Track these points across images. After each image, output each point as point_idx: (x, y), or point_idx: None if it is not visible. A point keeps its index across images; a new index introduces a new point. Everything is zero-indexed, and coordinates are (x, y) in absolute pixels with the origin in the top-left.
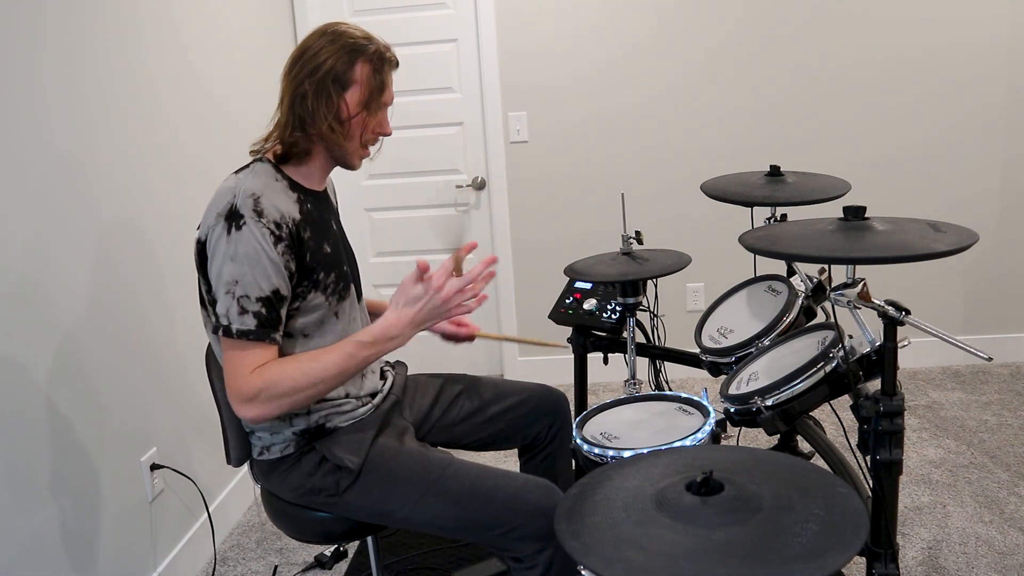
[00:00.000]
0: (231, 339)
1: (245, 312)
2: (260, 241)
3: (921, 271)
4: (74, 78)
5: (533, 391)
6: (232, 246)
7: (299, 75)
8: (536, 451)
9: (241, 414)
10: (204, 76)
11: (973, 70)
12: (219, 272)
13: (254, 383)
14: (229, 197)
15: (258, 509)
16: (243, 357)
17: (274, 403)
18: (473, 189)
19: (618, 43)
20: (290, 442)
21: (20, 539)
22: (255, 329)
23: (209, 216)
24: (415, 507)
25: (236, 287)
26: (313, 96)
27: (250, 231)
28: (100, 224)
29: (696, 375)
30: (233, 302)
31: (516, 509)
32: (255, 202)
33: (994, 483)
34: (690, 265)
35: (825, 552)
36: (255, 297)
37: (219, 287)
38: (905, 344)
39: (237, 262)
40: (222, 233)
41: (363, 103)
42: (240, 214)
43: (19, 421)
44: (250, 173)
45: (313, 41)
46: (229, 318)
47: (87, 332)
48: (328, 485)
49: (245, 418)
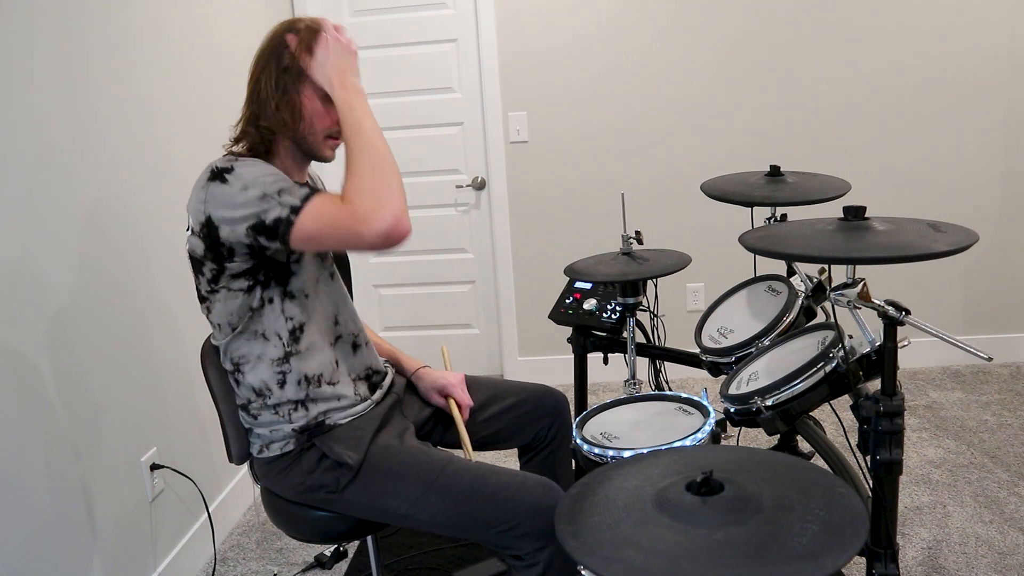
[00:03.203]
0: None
1: (288, 191)
2: (256, 166)
3: (921, 271)
4: (64, 76)
5: (533, 391)
6: (236, 183)
7: (255, 71)
8: (536, 451)
9: (376, 225)
10: (199, 78)
11: (973, 75)
12: (246, 202)
13: (350, 207)
14: (206, 172)
15: (258, 509)
16: (324, 203)
17: (385, 196)
18: (473, 189)
19: (618, 43)
20: (289, 439)
21: (20, 539)
22: (307, 192)
23: (197, 195)
24: (415, 504)
25: (268, 192)
26: (269, 90)
27: (243, 166)
28: (98, 224)
29: (696, 375)
30: (277, 197)
31: (516, 507)
32: (235, 157)
33: (994, 483)
34: (690, 265)
35: (825, 552)
36: (283, 186)
37: (258, 207)
38: (905, 344)
39: (251, 186)
40: (219, 186)
41: (319, 95)
42: (226, 167)
43: (18, 421)
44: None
45: (270, 38)
46: (286, 204)
47: (86, 332)
48: (328, 482)
49: (380, 227)
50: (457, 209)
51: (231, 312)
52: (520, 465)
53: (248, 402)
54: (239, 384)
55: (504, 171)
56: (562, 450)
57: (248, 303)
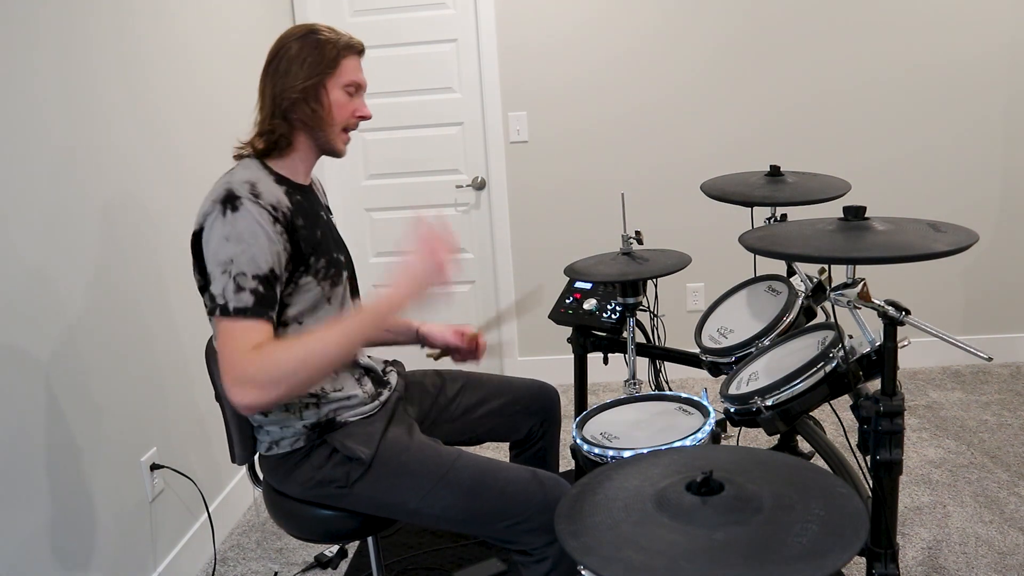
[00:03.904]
0: (228, 318)
1: (241, 290)
2: (258, 219)
3: (921, 271)
4: (70, 77)
5: (528, 388)
6: (228, 226)
7: (278, 70)
8: (528, 446)
9: (237, 399)
10: (203, 77)
11: (973, 72)
12: (215, 253)
13: (252, 362)
14: (223, 187)
15: (258, 509)
16: (240, 335)
17: (272, 387)
18: (473, 189)
19: (618, 43)
20: (300, 435)
21: (20, 539)
22: (252, 306)
23: (204, 206)
24: (425, 499)
25: (232, 266)
26: (292, 85)
27: (247, 211)
28: (99, 224)
29: (696, 375)
30: (229, 281)
31: (526, 501)
32: (252, 187)
33: (994, 483)
34: (690, 265)
35: (825, 552)
36: (252, 275)
37: (215, 268)
38: (905, 344)
39: (233, 241)
40: (218, 216)
41: (341, 88)
42: (237, 195)
43: (19, 421)
44: (240, 167)
45: (286, 39)
46: (225, 297)
47: (86, 332)
48: (338, 476)
49: (240, 404)
50: (457, 209)
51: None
52: (510, 458)
53: None
54: None
55: (504, 171)
56: (553, 444)
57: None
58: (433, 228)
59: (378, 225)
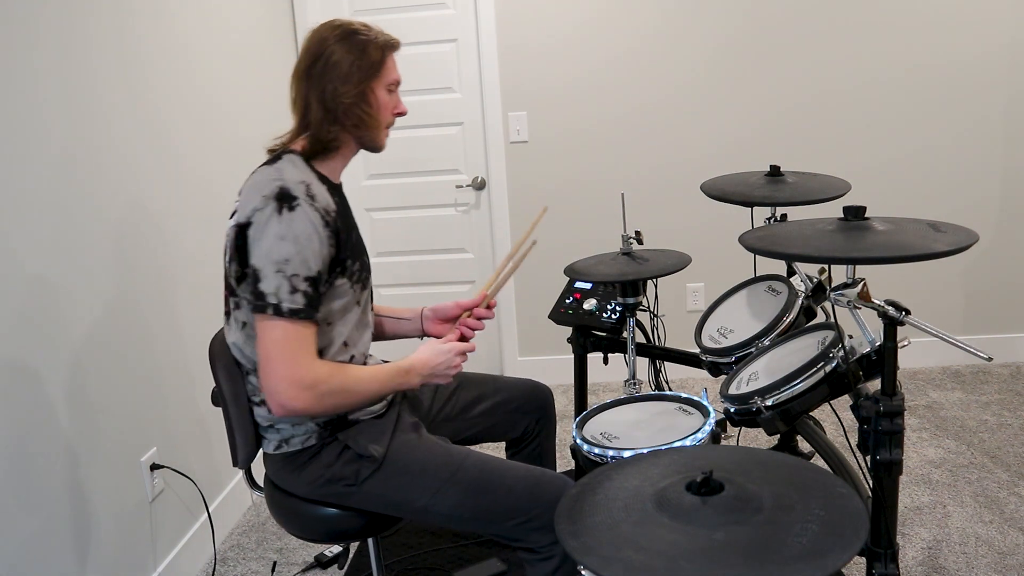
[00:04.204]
0: (282, 318)
1: (296, 291)
2: (313, 222)
3: (921, 271)
4: (70, 78)
5: (523, 387)
6: (284, 226)
7: (323, 74)
8: (524, 445)
9: (287, 400)
10: (203, 77)
11: (974, 72)
12: (268, 251)
13: (319, 370)
14: (275, 183)
15: (258, 509)
16: (299, 338)
17: (326, 399)
18: (473, 189)
19: (618, 43)
20: (312, 434)
21: (20, 539)
22: (304, 308)
23: (252, 200)
24: (434, 497)
25: (287, 266)
26: (345, 91)
27: (304, 212)
28: (99, 225)
29: (696, 375)
30: (284, 281)
31: (535, 500)
32: (307, 188)
33: (994, 483)
34: (690, 265)
35: (825, 552)
36: (304, 276)
37: (267, 266)
38: (905, 344)
39: (289, 241)
40: (272, 214)
41: (385, 87)
42: (293, 196)
43: (19, 421)
44: (288, 164)
45: (325, 41)
46: (279, 296)
47: (86, 332)
48: (348, 474)
49: (287, 405)
50: (457, 209)
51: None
52: (507, 457)
53: None
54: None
55: (504, 171)
56: (548, 442)
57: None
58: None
59: (378, 225)
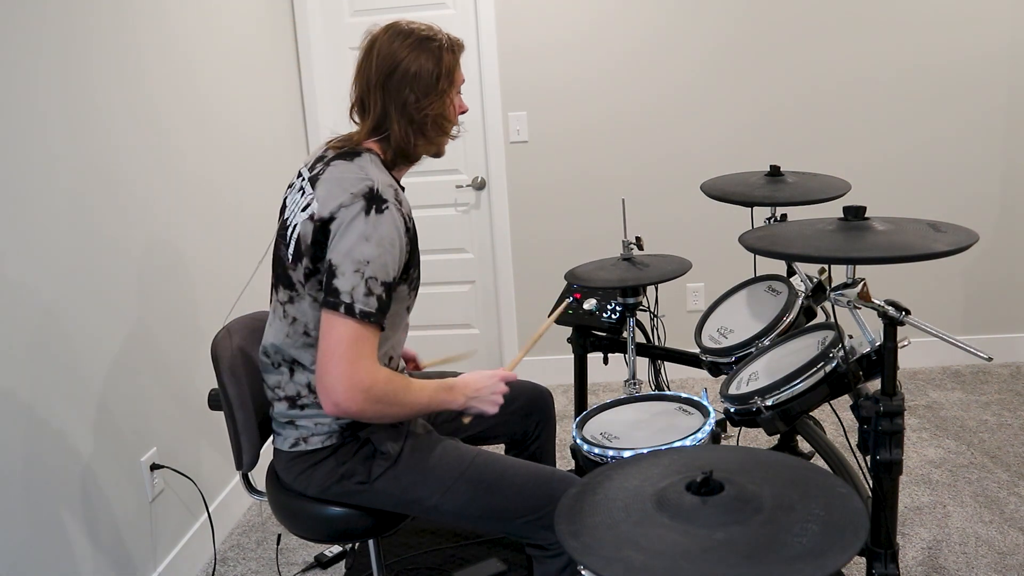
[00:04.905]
0: (353, 319)
1: (371, 294)
2: (398, 229)
3: (921, 271)
4: (70, 79)
5: (523, 389)
6: (370, 227)
7: (402, 85)
8: (524, 446)
9: (344, 400)
10: (203, 78)
11: (973, 71)
12: (349, 250)
13: (378, 375)
14: (364, 181)
15: (258, 509)
16: (366, 341)
17: (377, 405)
18: (473, 189)
19: (618, 43)
20: (333, 433)
21: (20, 539)
22: (375, 312)
23: (339, 195)
24: (445, 495)
25: (367, 268)
26: (428, 102)
27: (392, 217)
28: (99, 225)
29: (696, 375)
30: (361, 282)
31: (544, 498)
32: (395, 192)
33: (994, 483)
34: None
35: (825, 552)
36: (381, 280)
37: (346, 264)
38: (905, 344)
39: (373, 243)
40: (359, 213)
41: (458, 91)
42: (383, 199)
43: (19, 421)
44: (370, 164)
45: (399, 52)
46: (354, 296)
47: (86, 332)
48: (360, 471)
49: (343, 407)
50: (457, 209)
51: (315, 319)
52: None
53: (297, 395)
54: (292, 376)
55: (504, 171)
56: (548, 444)
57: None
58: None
59: None
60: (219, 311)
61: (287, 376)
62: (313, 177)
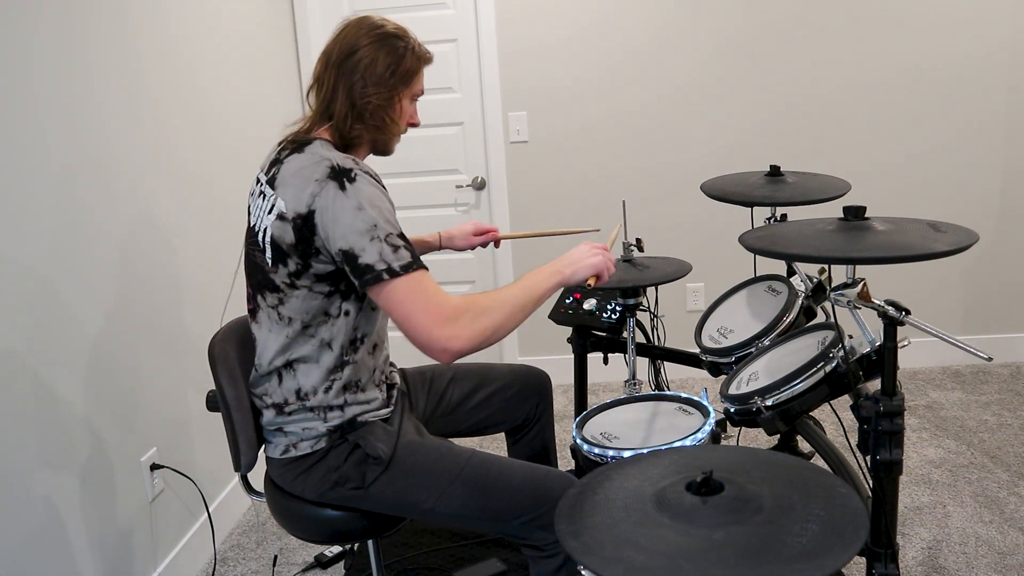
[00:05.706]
0: (397, 278)
1: (397, 248)
2: (377, 188)
3: (921, 271)
4: (69, 79)
5: (517, 373)
6: (353, 198)
7: (355, 71)
8: (525, 431)
9: (448, 344)
10: (203, 78)
11: (973, 72)
12: (351, 225)
13: (456, 301)
14: (322, 163)
15: (258, 509)
16: (425, 285)
17: (478, 322)
18: (473, 189)
19: (618, 43)
20: (322, 437)
21: (20, 539)
22: (412, 260)
23: (306, 186)
24: (441, 497)
25: (377, 230)
26: (375, 92)
27: (365, 180)
28: (98, 225)
29: (696, 375)
30: (383, 244)
31: (540, 498)
32: (355, 161)
33: (994, 483)
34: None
35: (825, 552)
36: (396, 233)
37: (357, 239)
38: (905, 344)
39: (366, 209)
40: (335, 192)
41: (410, 97)
42: (347, 168)
43: (19, 421)
44: (323, 148)
45: (360, 39)
46: (386, 260)
47: (86, 331)
48: (354, 476)
49: (453, 347)
50: (457, 209)
51: (307, 311)
52: (509, 447)
53: (284, 402)
54: (281, 382)
55: (504, 171)
56: (548, 428)
57: (325, 307)
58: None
59: None
60: (219, 311)
61: (275, 383)
62: (271, 179)
